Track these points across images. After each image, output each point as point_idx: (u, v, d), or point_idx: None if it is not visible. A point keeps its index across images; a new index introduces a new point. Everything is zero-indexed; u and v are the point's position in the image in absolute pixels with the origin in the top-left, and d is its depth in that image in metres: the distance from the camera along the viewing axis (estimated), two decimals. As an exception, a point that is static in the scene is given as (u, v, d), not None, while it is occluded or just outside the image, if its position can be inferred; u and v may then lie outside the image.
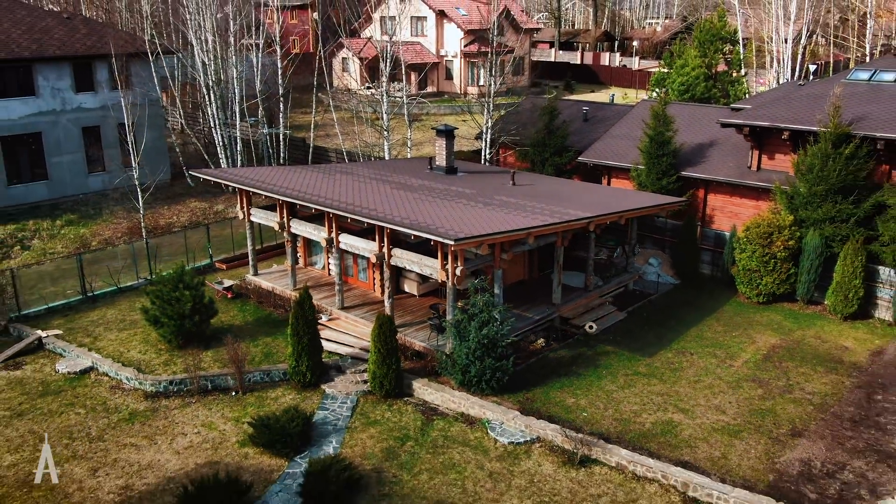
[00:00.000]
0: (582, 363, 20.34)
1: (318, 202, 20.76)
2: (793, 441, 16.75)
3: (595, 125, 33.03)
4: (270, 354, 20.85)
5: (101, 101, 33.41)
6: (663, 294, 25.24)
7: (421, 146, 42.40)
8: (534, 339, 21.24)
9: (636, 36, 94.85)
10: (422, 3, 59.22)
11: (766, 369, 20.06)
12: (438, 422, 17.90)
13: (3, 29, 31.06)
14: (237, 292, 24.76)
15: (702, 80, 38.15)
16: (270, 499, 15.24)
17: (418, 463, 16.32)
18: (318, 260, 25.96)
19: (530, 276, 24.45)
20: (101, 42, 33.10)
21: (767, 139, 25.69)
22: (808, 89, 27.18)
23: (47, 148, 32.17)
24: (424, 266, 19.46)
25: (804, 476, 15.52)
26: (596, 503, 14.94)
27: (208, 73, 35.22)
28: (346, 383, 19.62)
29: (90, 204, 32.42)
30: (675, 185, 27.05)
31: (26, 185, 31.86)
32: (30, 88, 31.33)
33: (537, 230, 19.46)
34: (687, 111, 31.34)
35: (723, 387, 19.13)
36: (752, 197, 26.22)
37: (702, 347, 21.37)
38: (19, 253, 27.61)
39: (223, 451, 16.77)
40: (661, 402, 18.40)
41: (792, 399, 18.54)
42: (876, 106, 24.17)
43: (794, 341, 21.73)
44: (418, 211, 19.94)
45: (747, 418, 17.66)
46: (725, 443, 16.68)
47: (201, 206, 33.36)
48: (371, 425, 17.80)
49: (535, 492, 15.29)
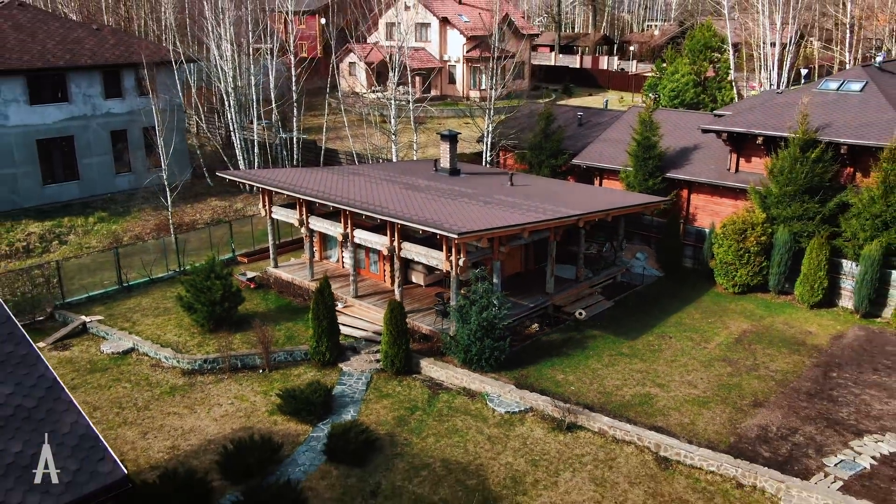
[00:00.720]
0: (571, 345, 22.72)
1: (336, 201, 23.14)
2: (753, 410, 19.12)
3: (589, 129, 35.39)
4: (292, 337, 23.24)
5: (128, 107, 35.83)
6: (648, 285, 27.61)
7: (426, 148, 44.76)
8: (529, 324, 23.61)
9: (634, 39, 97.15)
10: (426, 10, 61.61)
11: (736, 351, 22.43)
12: (443, 395, 20.29)
13: (39, 40, 33.47)
14: (259, 283, 27.17)
15: (691, 86, 40.50)
16: (298, 457, 17.64)
17: (426, 429, 18.70)
18: (332, 253, 28.35)
19: (526, 269, 26.81)
20: (128, 52, 35.52)
21: (744, 144, 28.06)
22: (784, 97, 29.51)
23: (79, 150, 34.58)
24: (431, 258, 21.85)
25: (761, 438, 17.89)
26: (580, 461, 17.32)
27: (227, 80, 37.63)
28: (361, 362, 22.01)
29: (119, 202, 34.84)
30: (661, 186, 29.41)
31: (60, 185, 34.27)
32: (63, 95, 33.73)
33: (532, 226, 21.84)
34: (673, 117, 33.69)
35: (696, 365, 21.50)
36: (731, 197, 28.60)
37: (680, 332, 23.74)
38: (57, 247, 30.04)
39: (255, 419, 19.16)
40: (641, 378, 20.78)
41: (757, 376, 20.90)
42: (842, 114, 26.52)
43: (763, 327, 24.09)
44: (425, 208, 22.32)
45: (715, 392, 20.04)
46: (694, 412, 19.05)
47: (221, 205, 35.75)
48: (384, 398, 20.18)
49: (528, 452, 17.66)
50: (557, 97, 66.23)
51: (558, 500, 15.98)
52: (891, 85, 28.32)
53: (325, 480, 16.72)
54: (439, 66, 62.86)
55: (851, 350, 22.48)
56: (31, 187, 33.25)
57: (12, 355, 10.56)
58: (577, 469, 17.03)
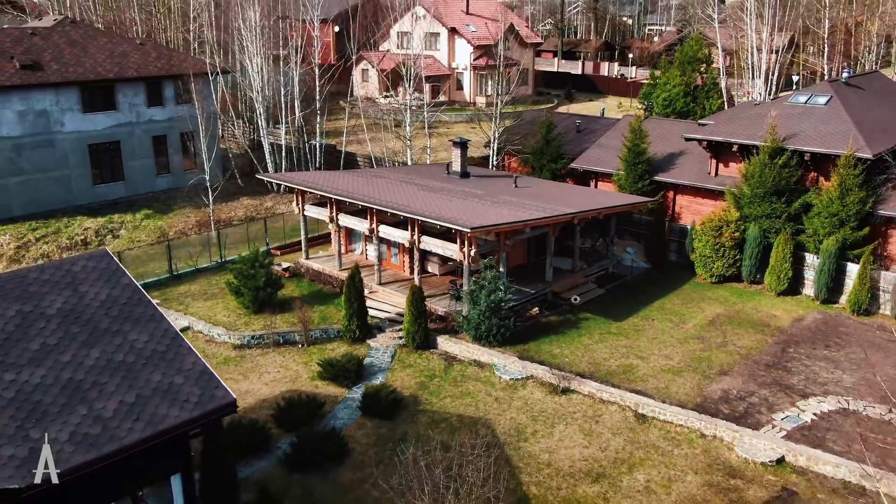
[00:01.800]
0: (567, 325, 26.31)
1: (365, 200, 26.75)
2: (719, 378, 22.69)
3: (586, 136, 38.93)
4: (325, 318, 26.86)
5: (168, 115, 39.50)
6: (636, 276, 31.18)
7: (436, 152, 48.32)
8: (530, 308, 27.19)
9: (635, 45, 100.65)
10: (435, 20, 65.22)
11: (708, 331, 26.00)
12: (457, 365, 23.89)
13: (91, 54, 37.13)
14: (293, 272, 30.81)
15: (681, 96, 44.02)
16: (338, 412, 21.27)
17: (443, 392, 22.30)
18: (357, 247, 31.97)
19: (528, 260, 30.38)
20: (168, 64, 39.20)
21: (722, 150, 31.62)
22: (759, 109, 33.04)
23: (124, 154, 38.24)
24: (447, 249, 25.46)
25: (722, 399, 21.46)
26: (572, 417, 20.91)
27: (257, 90, 41.30)
28: (386, 339, 25.63)
29: (160, 201, 38.51)
30: (649, 188, 32.96)
31: (108, 185, 37.93)
32: (112, 104, 37.39)
33: (533, 222, 25.43)
34: (662, 125, 37.22)
35: (673, 342, 25.08)
36: (712, 198, 32.15)
37: (661, 315, 27.32)
38: (111, 241, 33.70)
39: (299, 384, 22.78)
40: (625, 352, 24.37)
41: (724, 351, 24.48)
42: (808, 124, 30.05)
43: (735, 311, 27.65)
44: (441, 207, 25.92)
45: (688, 363, 23.62)
46: (669, 379, 22.63)
47: (253, 203, 39.40)
48: (406, 368, 23.80)
49: (528, 409, 21.26)
50: (559, 103, 69.83)
51: (553, 446, 19.58)
52: (853, 99, 31.83)
53: (361, 430, 20.35)
54: (448, 73, 66.51)
55: (809, 330, 26.03)
56: (82, 187, 36.92)
57: (143, 315, 14.19)
58: (569, 422, 20.63)
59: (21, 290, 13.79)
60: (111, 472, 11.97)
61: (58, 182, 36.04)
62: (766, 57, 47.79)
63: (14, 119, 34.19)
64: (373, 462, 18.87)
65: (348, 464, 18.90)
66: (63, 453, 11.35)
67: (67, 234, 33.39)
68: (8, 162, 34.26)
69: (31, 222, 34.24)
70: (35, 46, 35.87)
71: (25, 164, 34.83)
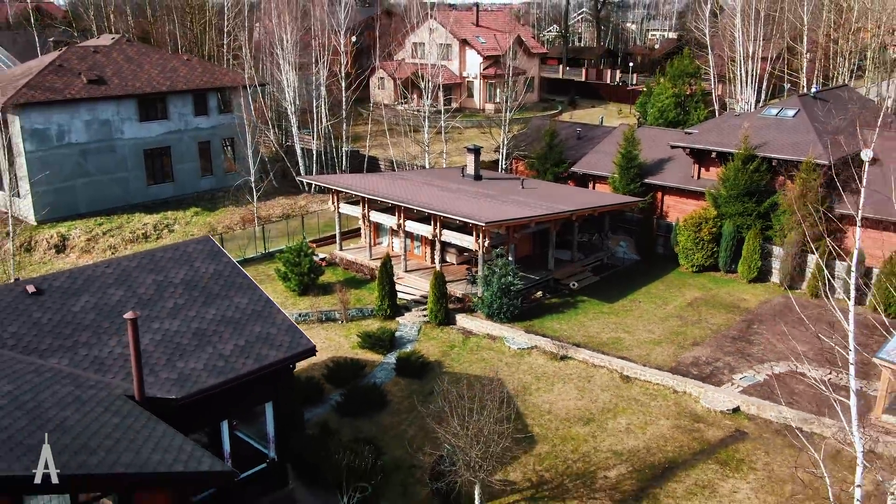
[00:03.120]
0: (565, 306, 30.88)
1: (394, 199, 31.36)
2: (691, 348, 27.23)
3: (585, 143, 43.46)
4: (359, 300, 31.47)
5: (212, 123, 44.21)
6: (627, 266, 35.72)
7: (450, 156, 52.87)
8: (535, 291, 31.73)
9: (637, 52, 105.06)
10: (448, 32, 69.86)
11: (686, 311, 30.53)
12: (473, 338, 28.48)
13: (145, 70, 41.87)
14: (329, 262, 35.43)
15: (672, 106, 48.52)
16: (377, 373, 25.88)
17: (462, 358, 26.89)
18: (384, 240, 36.57)
19: (533, 252, 34.91)
20: (212, 78, 43.92)
21: (703, 156, 36.13)
22: (738, 119, 37.52)
23: (174, 158, 42.96)
24: (464, 240, 30.05)
25: (693, 364, 26.00)
26: (568, 377, 25.46)
27: (290, 101, 46.01)
28: (413, 317, 30.23)
29: (206, 199, 43.22)
30: (640, 189, 37.46)
31: (159, 185, 42.66)
32: (164, 114, 42.12)
33: (537, 218, 30.00)
34: (653, 133, 41.74)
35: (656, 320, 29.62)
36: (694, 198, 36.63)
37: (647, 298, 31.86)
38: (167, 234, 38.42)
39: (342, 351, 27.38)
40: (614, 327, 28.93)
41: (698, 327, 29.01)
42: (777, 134, 34.54)
43: (710, 295, 32.17)
44: (459, 204, 30.51)
45: (667, 336, 28.16)
46: (650, 348, 27.17)
47: (288, 202, 44.06)
48: (431, 340, 28.39)
49: (533, 371, 25.83)
50: (563, 109, 74.35)
51: (553, 399, 24.15)
52: (818, 111, 36.26)
53: (396, 386, 24.96)
54: (459, 81, 71.15)
55: (772, 311, 30.53)
56: (138, 187, 41.65)
57: (243, 284, 18.83)
58: (566, 381, 25.20)
59: (153, 265, 18.46)
60: (230, 394, 16.60)
61: (117, 183, 40.79)
62: (753, 68, 52.33)
63: (82, 128, 38.94)
64: (406, 409, 23.49)
65: (387, 411, 23.53)
66: (200, 378, 15.99)
67: (129, 229, 38.11)
68: (76, 165, 39.01)
69: (96, 218, 38.97)
70: (98, 63, 40.63)
71: (90, 167, 39.59)
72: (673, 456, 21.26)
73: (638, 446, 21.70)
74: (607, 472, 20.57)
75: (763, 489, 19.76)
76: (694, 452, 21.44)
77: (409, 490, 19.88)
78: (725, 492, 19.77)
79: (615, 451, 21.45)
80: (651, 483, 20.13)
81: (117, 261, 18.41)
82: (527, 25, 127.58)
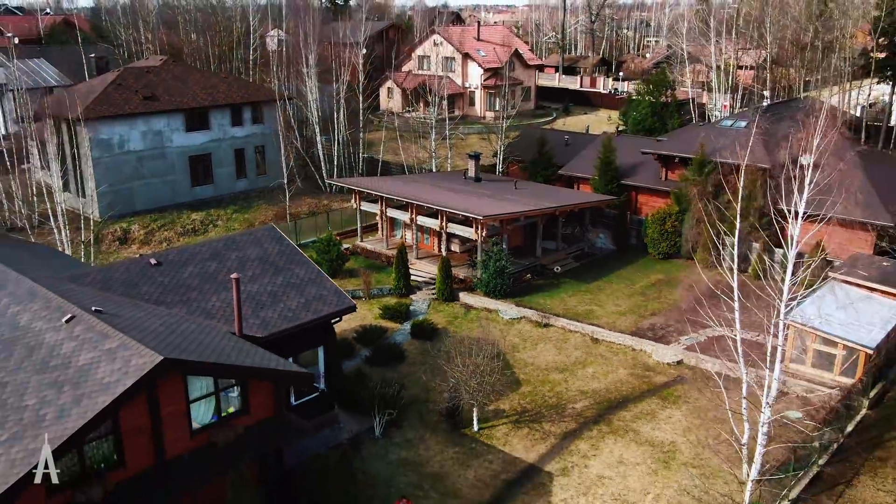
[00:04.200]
0: (550, 286, 37.29)
1: (408, 198, 37.80)
2: (650, 317, 33.63)
3: (572, 149, 49.85)
4: (379, 281, 37.88)
5: (246, 132, 50.70)
6: (604, 254, 42.12)
7: (453, 159, 59.33)
8: (524, 274, 38.14)
9: (629, 61, 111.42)
10: (451, 47, 76.37)
11: (650, 290, 36.92)
12: (473, 311, 34.88)
13: (190, 87, 48.39)
14: (352, 251, 41.87)
15: (650, 115, 54.92)
16: (395, 336, 32.31)
17: (464, 326, 33.29)
18: (398, 233, 43.00)
19: (524, 242, 41.30)
20: (247, 93, 50.44)
21: (668, 161, 42.52)
22: (699, 130, 43.89)
23: (214, 163, 49.45)
24: (466, 232, 36.46)
25: (649, 329, 32.39)
26: (549, 339, 31.86)
27: (313, 112, 52.54)
28: (423, 294, 36.64)
29: (241, 199, 49.72)
30: (616, 189, 43.84)
31: (201, 187, 49.16)
32: (206, 125, 48.62)
33: (526, 213, 36.41)
34: (630, 141, 48.15)
35: (623, 297, 36.01)
36: (662, 196, 42.99)
37: (618, 280, 38.26)
38: (213, 229, 44.89)
39: (367, 321, 33.75)
40: (589, 302, 35.33)
41: (658, 302, 35.40)
42: (729, 142, 40.86)
43: (671, 277, 38.56)
44: (461, 202, 36.92)
45: (631, 309, 34.55)
46: (616, 318, 33.57)
47: (312, 201, 50.52)
48: (438, 312, 34.80)
49: (521, 335, 32.23)
50: (557, 116, 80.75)
51: (535, 355, 30.56)
52: (767, 122, 42.55)
53: (411, 346, 31.38)
54: (462, 91, 77.63)
55: (721, 289, 36.84)
56: (184, 189, 48.17)
57: (300, 260, 25.28)
58: (546, 342, 31.61)
59: (235, 245, 24.93)
60: (296, 336, 23.03)
61: (167, 184, 47.31)
62: (729, 79, 58.77)
63: (139, 137, 45.48)
64: (420, 362, 29.92)
65: (405, 363, 29.96)
66: (277, 323, 22.42)
67: (181, 224, 44.62)
68: (134, 169, 45.55)
69: (150, 215, 45.51)
70: (151, 82, 47.18)
71: (145, 170, 46.12)
72: (626, 394, 27.68)
73: (599, 388, 28.11)
74: (574, 404, 26.99)
75: (691, 415, 26.16)
76: (642, 392, 27.86)
77: (423, 417, 26.29)
78: (663, 417, 26.18)
79: (582, 391, 27.87)
80: (607, 412, 26.53)
81: (208, 242, 24.91)
82: (526, 32, 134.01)
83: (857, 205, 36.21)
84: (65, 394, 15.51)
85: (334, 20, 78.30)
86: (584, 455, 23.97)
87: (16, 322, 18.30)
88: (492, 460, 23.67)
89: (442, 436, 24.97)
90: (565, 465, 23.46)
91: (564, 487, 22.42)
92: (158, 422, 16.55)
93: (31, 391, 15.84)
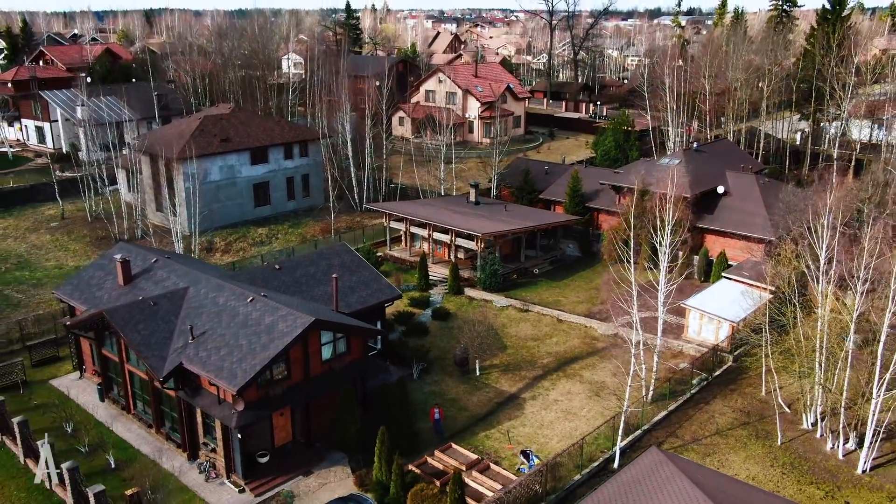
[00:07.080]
0: (530, 284, 51.30)
1: (425, 219, 51.72)
2: (599, 305, 47.62)
3: (551, 177, 63.81)
4: (405, 280, 51.76)
5: (295, 164, 64.59)
6: (572, 260, 56.16)
7: (457, 182, 73.19)
8: (512, 275, 52.08)
9: (608, 85, 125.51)
10: (453, 83, 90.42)
11: (601, 286, 50.89)
12: (474, 301, 48.83)
13: (252, 130, 62.28)
14: (382, 258, 55.74)
15: (613, 148, 68.92)
16: (422, 318, 46.18)
17: (468, 311, 47.22)
18: (417, 244, 56.90)
19: (512, 251, 55.19)
20: (295, 133, 64.36)
21: (620, 190, 56.58)
22: (645, 165, 57.83)
23: (271, 189, 63.34)
24: (469, 243, 50.40)
25: (598, 313, 46.35)
26: (528, 320, 45.80)
27: (345, 143, 66.62)
28: (438, 290, 50.54)
29: (291, 218, 63.61)
30: (583, 210, 57.82)
31: (261, 208, 63.02)
32: (265, 159, 62.50)
33: (513, 231, 50.43)
34: (596, 171, 62.16)
35: (582, 290, 50.03)
36: (616, 216, 56.95)
37: (581, 279, 52.28)
38: (275, 240, 58.71)
39: (400, 308, 47.55)
40: (557, 294, 49.36)
41: (606, 294, 49.38)
42: (664, 176, 54.87)
43: (620, 277, 52.51)
44: (465, 222, 50.85)
45: (587, 299, 48.56)
46: (576, 305, 47.57)
47: (348, 218, 64.41)
48: (449, 302, 48.72)
49: (508, 318, 46.17)
50: (543, 142, 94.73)
51: (519, 330, 44.49)
52: (696, 160, 56.54)
53: (432, 324, 45.30)
54: (462, 121, 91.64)
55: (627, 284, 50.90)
56: (249, 209, 62.04)
57: (363, 265, 39.22)
58: (526, 322, 45.56)
59: (323, 257, 38.85)
60: (366, 314, 36.92)
61: (236, 207, 61.18)
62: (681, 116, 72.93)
63: (217, 171, 59.35)
64: (440, 335, 43.81)
65: (429, 336, 43.84)
66: (354, 305, 36.31)
67: (251, 237, 58.47)
68: (213, 196, 59.39)
69: (226, 230, 59.33)
70: (224, 127, 61.07)
71: (221, 196, 59.98)
72: (577, 354, 41.66)
73: (560, 350, 42.09)
74: (542, 360, 40.94)
75: (616, 368, 40.15)
76: (588, 352, 41.87)
77: (443, 367, 40.15)
78: (599, 367, 40.18)
79: (548, 353, 41.83)
80: (563, 364, 40.49)
81: (308, 254, 38.82)
82: (520, 49, 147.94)
83: (753, 224, 50.50)
84: (262, 339, 29.42)
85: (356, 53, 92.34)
86: (546, 389, 37.96)
87: (216, 302, 32.24)
88: (488, 391, 37.63)
89: (456, 378, 38.91)
90: (534, 394, 37.44)
91: (532, 405, 36.39)
92: (307, 355, 30.46)
93: (242, 337, 29.77)
